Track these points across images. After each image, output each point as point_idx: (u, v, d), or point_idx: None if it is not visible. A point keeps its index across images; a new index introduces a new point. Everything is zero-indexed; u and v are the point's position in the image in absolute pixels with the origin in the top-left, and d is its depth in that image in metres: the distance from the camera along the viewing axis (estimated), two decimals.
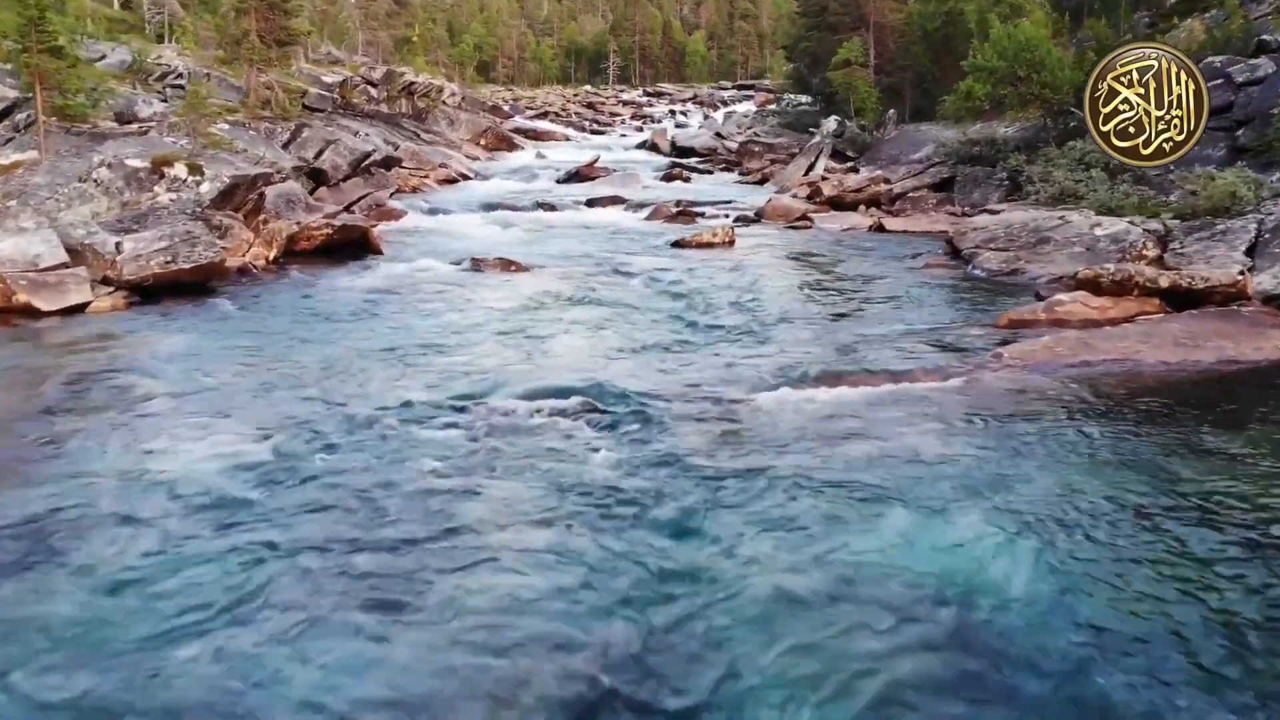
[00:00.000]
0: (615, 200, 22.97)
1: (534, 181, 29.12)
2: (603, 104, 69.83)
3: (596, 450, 6.37)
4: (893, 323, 10.34)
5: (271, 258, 14.11)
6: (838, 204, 21.79)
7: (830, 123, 27.69)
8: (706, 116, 59.05)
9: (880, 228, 18.69)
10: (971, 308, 11.24)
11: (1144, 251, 12.28)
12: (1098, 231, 13.21)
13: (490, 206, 22.01)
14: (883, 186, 22.48)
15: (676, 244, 16.66)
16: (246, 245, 14.00)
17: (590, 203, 22.93)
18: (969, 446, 6.45)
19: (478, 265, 14.08)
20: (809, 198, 22.56)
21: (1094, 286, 10.74)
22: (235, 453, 6.34)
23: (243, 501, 5.65)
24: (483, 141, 39.43)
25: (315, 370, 8.41)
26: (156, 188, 13.55)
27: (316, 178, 19.64)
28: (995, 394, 7.64)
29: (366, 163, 21.18)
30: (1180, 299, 10.43)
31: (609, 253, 15.89)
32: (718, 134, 42.94)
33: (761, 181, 28.44)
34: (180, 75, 23.52)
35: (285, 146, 19.43)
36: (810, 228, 19.41)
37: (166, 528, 5.32)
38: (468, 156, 34.56)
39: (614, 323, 10.09)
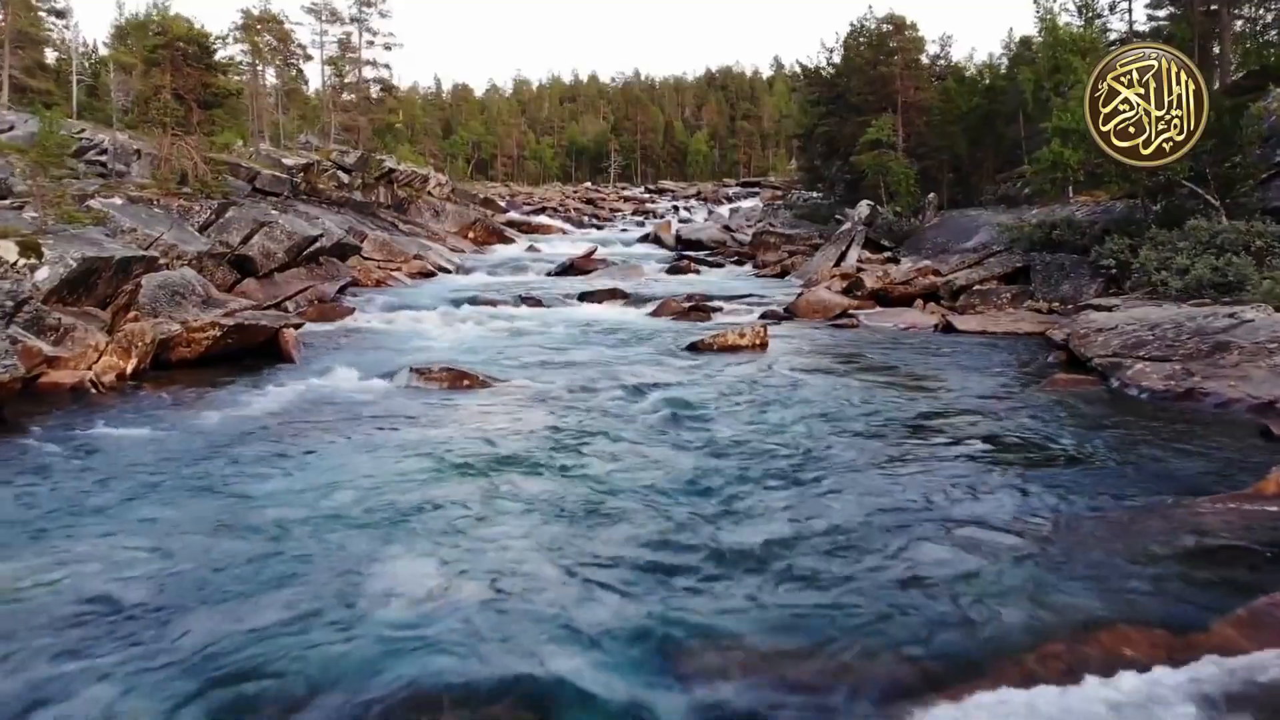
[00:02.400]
0: (614, 294, 19.16)
1: (522, 275, 25.55)
2: (603, 200, 67.28)
3: None
4: (1070, 490, 6.16)
5: (129, 370, 10.07)
6: (883, 298, 17.99)
7: (862, 208, 24.13)
8: (711, 212, 56.34)
9: (949, 327, 14.72)
10: (1172, 456, 7.07)
11: None
12: None
13: (464, 302, 18.20)
14: (933, 278, 18.72)
15: (693, 347, 12.69)
16: (95, 353, 9.99)
17: (584, 297, 19.13)
18: None
19: (419, 380, 10.05)
20: (846, 291, 18.75)
21: None
22: None
23: None
24: (471, 234, 36.11)
25: (49, 613, 4.25)
26: None
27: (242, 267, 15.82)
28: None
29: (310, 250, 17.39)
30: None
31: (604, 359, 11.91)
32: (726, 227, 39.82)
33: (781, 274, 24.78)
34: (104, 151, 20.02)
35: (204, 229, 15.66)
36: (857, 326, 15.49)
37: None
38: (451, 249, 31.11)
39: (599, 497, 5.88)
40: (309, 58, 32.62)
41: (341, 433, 7.73)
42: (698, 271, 25.94)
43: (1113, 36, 27.25)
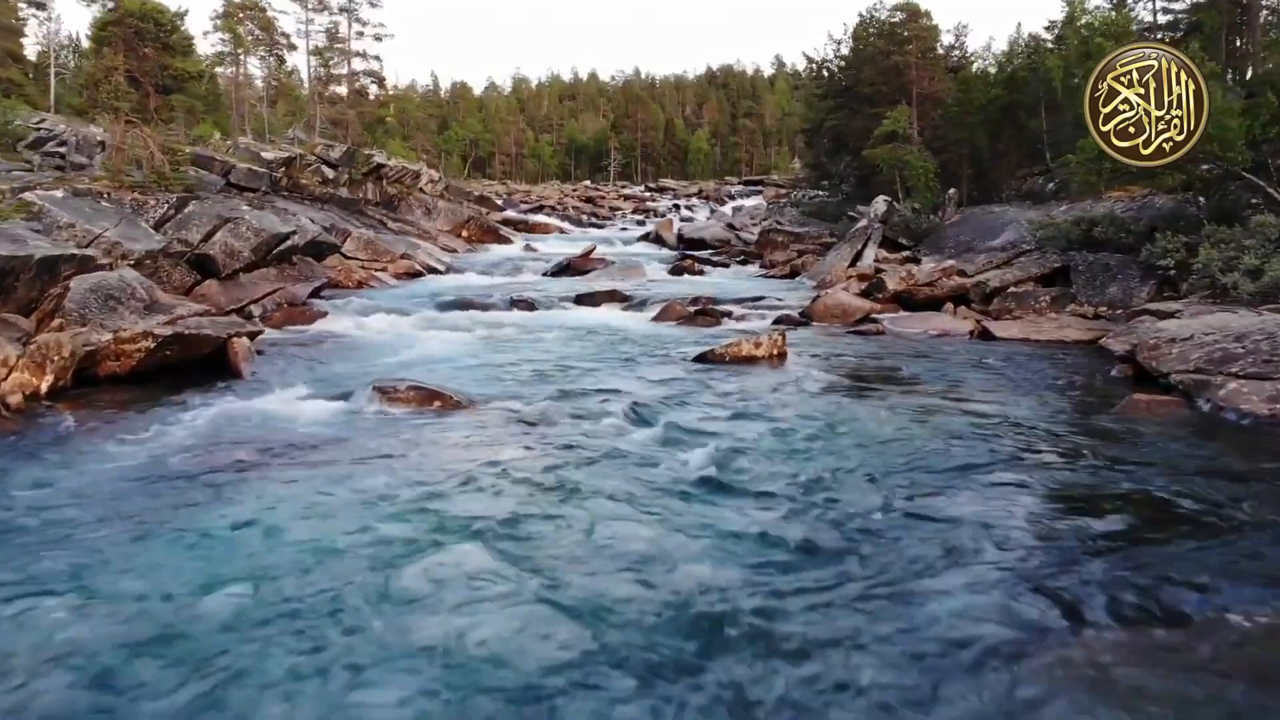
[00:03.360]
0: (613, 296, 17.69)
1: (517, 275, 24.06)
2: (603, 198, 65.72)
3: None
4: (1205, 571, 4.67)
5: (45, 389, 8.59)
6: (907, 301, 16.54)
7: (878, 204, 22.64)
8: (713, 210, 54.90)
9: (986, 334, 13.24)
10: None
11: None
12: None
13: (451, 306, 16.75)
14: (959, 279, 17.25)
15: (702, 358, 11.20)
16: (4, 369, 8.50)
17: (581, 299, 17.64)
18: None
19: (382, 400, 8.58)
20: (865, 293, 17.28)
21: None
22: None
23: None
24: (465, 233, 34.62)
25: None
26: None
27: (203, 267, 14.35)
28: None
29: (282, 248, 15.92)
30: None
31: (600, 372, 10.43)
32: (730, 225, 38.33)
33: (791, 275, 23.31)
34: (64, 143, 18.55)
35: (160, 225, 14.18)
36: (882, 333, 14.01)
37: None
38: (443, 248, 29.61)
39: (571, 606, 4.21)
40: (293, 47, 31.15)
41: (268, 477, 6.22)
42: (702, 272, 24.48)
43: (1135, 28, 25.83)
